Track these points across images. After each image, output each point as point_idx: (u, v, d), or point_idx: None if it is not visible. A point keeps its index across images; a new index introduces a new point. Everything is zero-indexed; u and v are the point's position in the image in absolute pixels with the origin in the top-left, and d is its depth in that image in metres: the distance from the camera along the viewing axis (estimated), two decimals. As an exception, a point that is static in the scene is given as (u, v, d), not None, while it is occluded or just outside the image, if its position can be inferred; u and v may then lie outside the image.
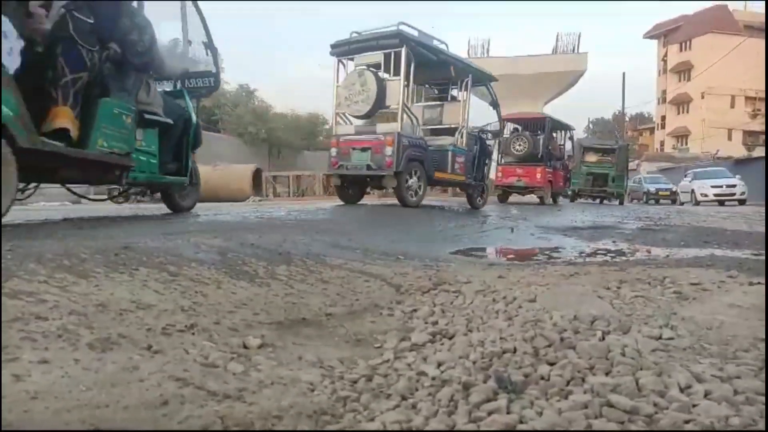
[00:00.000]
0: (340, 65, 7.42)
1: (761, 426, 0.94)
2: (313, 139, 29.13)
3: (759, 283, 2.08)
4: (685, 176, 20.27)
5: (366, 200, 8.10)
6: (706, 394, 1.06)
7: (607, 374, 1.18)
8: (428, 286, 2.24)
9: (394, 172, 6.53)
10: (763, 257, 3.20)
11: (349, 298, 2.00)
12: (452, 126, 7.96)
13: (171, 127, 4.28)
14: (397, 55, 6.71)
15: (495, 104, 8.77)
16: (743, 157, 26.62)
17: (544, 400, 1.05)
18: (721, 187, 17.83)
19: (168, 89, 4.61)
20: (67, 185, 4.06)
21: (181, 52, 4.46)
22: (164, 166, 4.25)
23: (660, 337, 1.43)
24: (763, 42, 34.59)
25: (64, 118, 3.13)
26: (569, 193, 16.04)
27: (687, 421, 0.96)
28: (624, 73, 33.42)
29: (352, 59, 7.35)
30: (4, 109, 2.58)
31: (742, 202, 17.30)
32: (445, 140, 7.74)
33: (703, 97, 44.15)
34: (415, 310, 1.86)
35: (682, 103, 47.26)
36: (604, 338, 1.42)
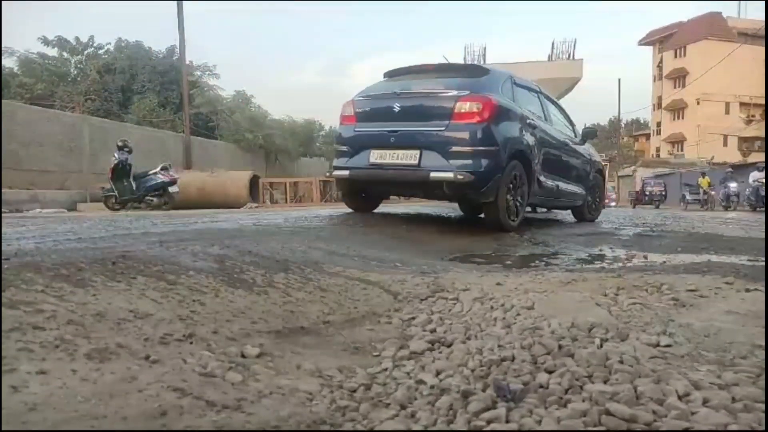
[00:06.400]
0: None
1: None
2: (310, 145, 28.94)
3: (756, 289, 2.08)
4: None
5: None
6: (705, 402, 1.06)
7: (605, 382, 1.18)
8: (426, 294, 2.24)
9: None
10: (759, 263, 3.21)
11: (347, 306, 1.99)
12: None
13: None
14: None
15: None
16: (740, 163, 26.65)
17: (543, 409, 1.05)
18: None
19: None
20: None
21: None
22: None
23: (658, 345, 1.44)
24: (757, 49, 34.91)
25: None
26: None
27: (686, 429, 0.96)
28: (619, 80, 33.69)
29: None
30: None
31: None
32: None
33: (698, 103, 44.43)
34: (413, 318, 1.86)
35: (677, 109, 47.55)
36: (602, 346, 1.42)
